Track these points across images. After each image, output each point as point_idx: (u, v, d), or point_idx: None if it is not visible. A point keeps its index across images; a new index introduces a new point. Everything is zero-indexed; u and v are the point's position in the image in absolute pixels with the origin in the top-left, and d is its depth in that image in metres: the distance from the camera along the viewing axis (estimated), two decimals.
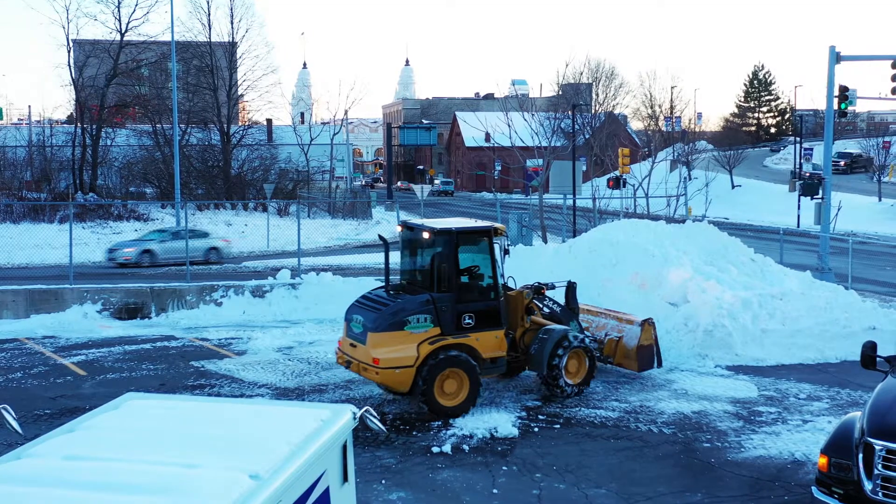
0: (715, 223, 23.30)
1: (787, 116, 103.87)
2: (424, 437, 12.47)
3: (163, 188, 56.40)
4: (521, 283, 15.29)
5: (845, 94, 27.51)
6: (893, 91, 26.98)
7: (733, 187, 68.69)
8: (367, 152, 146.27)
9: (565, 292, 15.73)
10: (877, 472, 8.45)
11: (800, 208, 50.34)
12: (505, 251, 14.36)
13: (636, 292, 18.60)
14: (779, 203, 60.48)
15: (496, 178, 78.05)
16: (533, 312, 14.98)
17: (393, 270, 14.86)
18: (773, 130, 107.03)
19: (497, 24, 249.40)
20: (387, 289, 14.17)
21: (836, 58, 26.71)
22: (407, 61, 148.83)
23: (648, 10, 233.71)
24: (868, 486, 8.47)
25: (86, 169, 56.07)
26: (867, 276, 28.01)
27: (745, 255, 20.47)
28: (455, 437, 12.45)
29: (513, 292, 14.73)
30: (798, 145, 67.24)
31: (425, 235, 13.93)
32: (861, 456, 8.58)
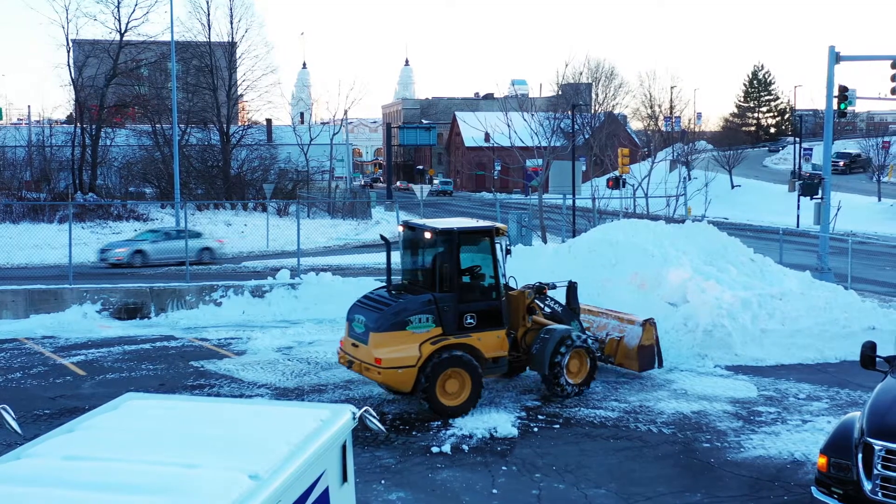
0: (714, 223, 23.30)
1: (787, 116, 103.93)
2: (424, 437, 12.47)
3: (162, 188, 56.39)
4: (522, 284, 15.29)
5: (845, 95, 27.53)
6: (893, 91, 27.00)
7: (733, 187, 68.70)
8: (366, 152, 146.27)
9: (566, 292, 15.74)
10: (876, 472, 8.44)
11: (799, 208, 50.37)
12: (507, 251, 14.38)
13: (636, 292, 18.60)
14: (778, 203, 60.50)
15: (496, 178, 78.07)
16: (534, 312, 14.99)
17: (394, 270, 14.86)
18: (772, 130, 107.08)
19: (497, 24, 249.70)
20: (389, 289, 14.17)
21: (836, 58, 26.72)
22: (406, 61, 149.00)
23: (648, 10, 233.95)
24: (867, 486, 8.47)
25: (85, 169, 56.05)
26: (867, 276, 28.01)
27: (744, 255, 20.47)
28: (454, 437, 12.45)
29: (514, 292, 14.73)
30: (798, 145, 67.25)
31: (427, 235, 13.94)
32: (860, 456, 8.58)
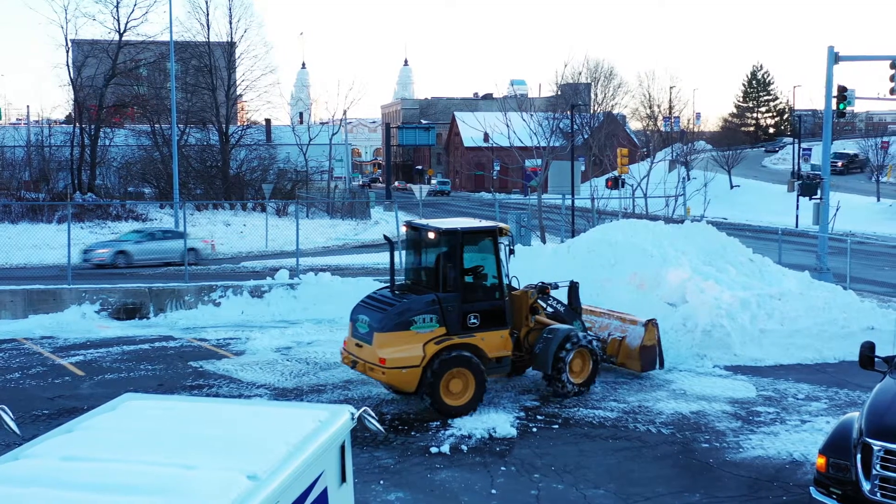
0: (713, 223, 23.32)
1: (786, 116, 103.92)
2: (423, 438, 12.47)
3: (161, 188, 56.38)
4: (522, 284, 15.30)
5: (844, 95, 27.54)
6: (892, 91, 27.01)
7: (732, 187, 68.72)
8: (365, 152, 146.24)
9: (568, 292, 15.76)
10: (875, 473, 8.45)
11: (798, 208, 50.38)
12: (510, 251, 14.40)
13: (635, 292, 18.60)
14: (777, 203, 60.55)
15: (495, 178, 78.06)
16: (537, 312, 15.02)
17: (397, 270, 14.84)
18: (771, 130, 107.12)
19: (496, 25, 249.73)
20: (392, 289, 14.18)
21: (835, 58, 26.74)
22: (406, 61, 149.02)
23: (648, 10, 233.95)
24: (866, 486, 8.48)
25: (84, 169, 56.03)
26: (865, 276, 28.03)
27: (743, 255, 20.47)
28: (453, 437, 12.45)
29: (517, 292, 14.77)
30: (797, 145, 67.28)
31: (431, 235, 13.96)
32: (859, 456, 8.59)
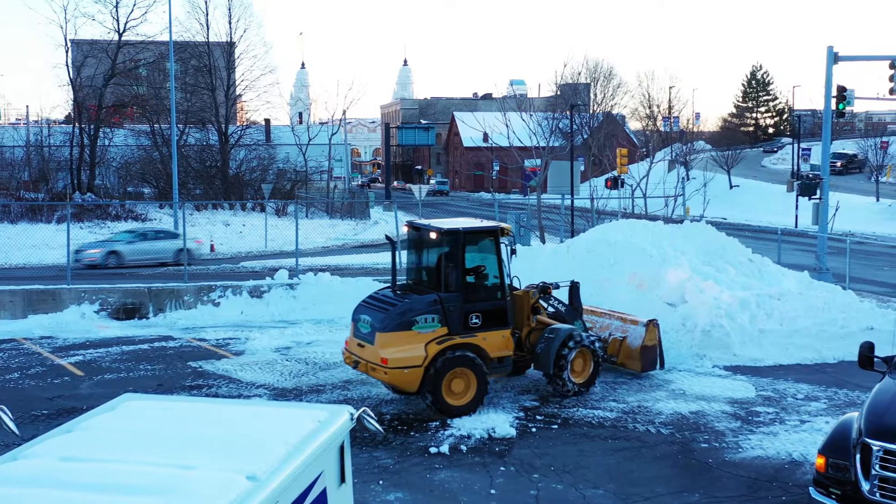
0: (713, 223, 23.32)
1: (785, 116, 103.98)
2: (422, 438, 12.47)
3: (161, 188, 56.39)
4: (522, 284, 15.30)
5: (843, 95, 27.54)
6: (891, 91, 27.02)
7: (731, 187, 68.75)
8: (365, 152, 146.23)
9: (568, 292, 15.77)
10: (874, 473, 8.45)
11: (797, 208, 50.40)
12: (511, 251, 14.40)
13: (634, 292, 18.60)
14: (777, 203, 60.57)
15: (494, 178, 78.07)
16: (539, 312, 15.03)
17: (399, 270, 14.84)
18: (770, 131, 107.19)
19: (495, 24, 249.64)
20: (394, 289, 14.18)
21: (834, 58, 26.75)
22: (405, 61, 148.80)
23: (647, 10, 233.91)
24: (865, 486, 8.48)
25: (84, 169, 56.03)
26: (865, 276, 28.04)
27: (742, 255, 20.47)
28: (453, 437, 12.45)
29: (519, 292, 14.78)
30: (796, 145, 67.30)
31: (432, 235, 13.96)
32: (858, 456, 8.59)
